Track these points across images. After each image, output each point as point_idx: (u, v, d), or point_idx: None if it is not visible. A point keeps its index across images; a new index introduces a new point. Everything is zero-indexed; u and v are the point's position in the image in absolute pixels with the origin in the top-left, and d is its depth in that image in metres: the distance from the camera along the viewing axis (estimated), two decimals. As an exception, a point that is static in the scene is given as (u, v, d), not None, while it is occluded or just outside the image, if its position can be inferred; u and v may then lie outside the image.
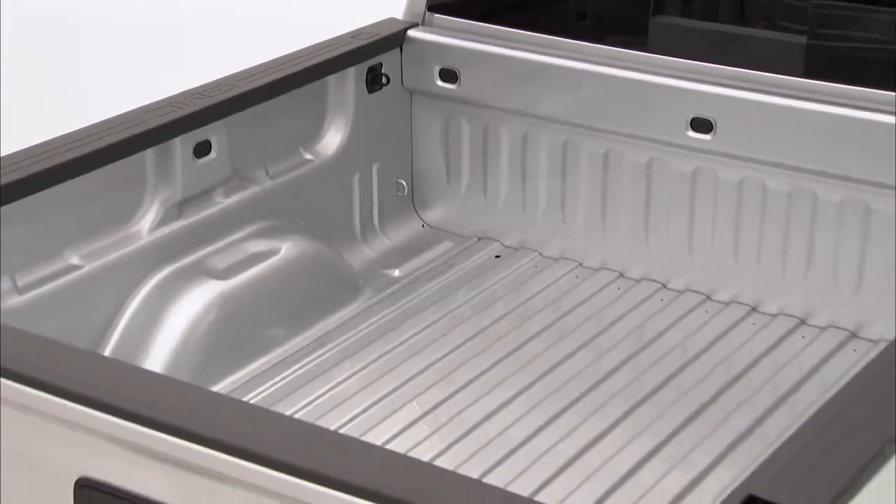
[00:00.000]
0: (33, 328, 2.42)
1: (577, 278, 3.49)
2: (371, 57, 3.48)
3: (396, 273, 3.51)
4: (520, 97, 3.47)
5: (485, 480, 2.50)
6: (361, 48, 3.45)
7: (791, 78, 3.17)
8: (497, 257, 3.59)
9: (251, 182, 3.28)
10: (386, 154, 3.61)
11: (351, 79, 3.45)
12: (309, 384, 3.06)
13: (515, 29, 3.49)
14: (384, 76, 3.53)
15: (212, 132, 3.12)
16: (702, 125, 3.26)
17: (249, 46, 4.23)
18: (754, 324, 3.28)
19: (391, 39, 3.53)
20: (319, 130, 3.47)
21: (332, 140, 3.48)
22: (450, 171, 3.66)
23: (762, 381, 3.07)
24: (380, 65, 3.51)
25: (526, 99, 3.47)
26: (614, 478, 2.74)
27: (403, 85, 3.59)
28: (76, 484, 2.08)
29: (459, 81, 3.53)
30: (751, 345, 3.20)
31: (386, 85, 3.54)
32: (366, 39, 3.48)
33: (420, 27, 3.58)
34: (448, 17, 3.56)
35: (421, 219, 3.70)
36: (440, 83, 3.56)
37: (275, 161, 3.35)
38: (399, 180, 3.67)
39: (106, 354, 2.90)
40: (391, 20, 3.61)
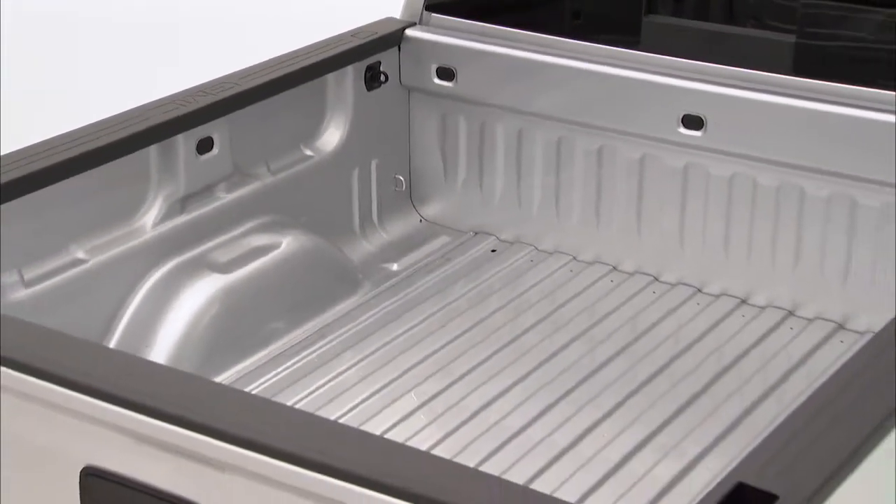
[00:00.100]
0: (40, 321, 2.42)
1: (572, 272, 3.49)
2: (370, 55, 3.48)
3: (395, 267, 3.51)
4: (515, 94, 3.47)
5: (481, 469, 2.50)
6: (360, 47, 3.45)
7: (780, 76, 3.17)
8: (493, 251, 3.59)
9: (252, 178, 3.29)
10: (384, 150, 3.61)
11: (350, 77, 3.45)
12: (309, 375, 3.07)
13: (511, 28, 3.48)
14: (382, 74, 3.53)
15: (214, 129, 3.12)
16: (693, 122, 3.26)
17: (250, 46, 4.22)
18: (744, 316, 3.29)
19: (389, 38, 3.53)
20: (319, 127, 3.47)
21: (332, 137, 3.47)
22: (447, 167, 3.66)
23: (751, 372, 3.08)
24: (378, 63, 3.51)
25: (521, 96, 3.47)
26: (607, 466, 2.75)
27: (401, 83, 3.59)
28: (82, 472, 2.08)
29: (456, 79, 3.53)
30: (740, 336, 3.21)
31: (384, 83, 3.54)
32: (364, 38, 3.47)
33: (417, 26, 3.58)
34: (445, 17, 3.56)
35: (419, 214, 3.70)
36: (437, 81, 3.56)
37: (276, 157, 3.35)
38: (397, 176, 3.67)
39: (111, 346, 2.91)
40: (389, 19, 3.61)
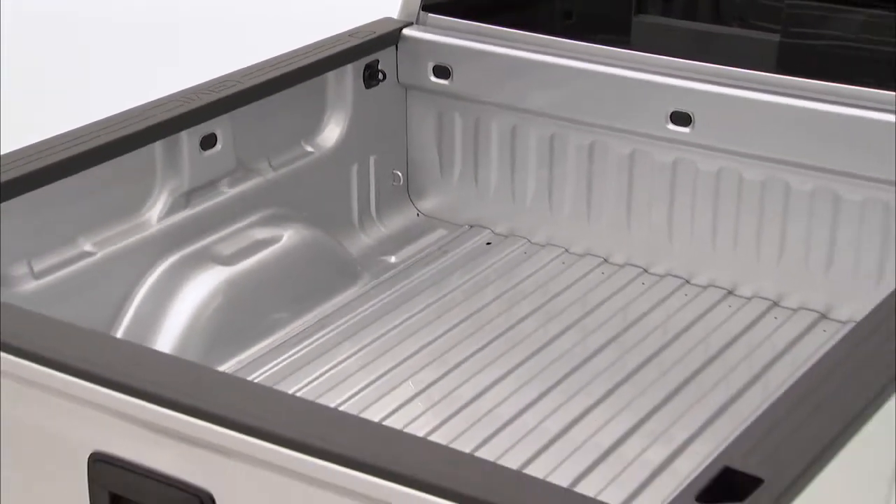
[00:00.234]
0: (49, 311, 2.42)
1: (564, 264, 3.49)
2: (368, 54, 3.48)
3: (392, 259, 3.52)
4: (509, 92, 3.48)
5: (476, 454, 2.51)
6: (359, 46, 3.45)
7: (765, 74, 3.18)
8: (488, 244, 3.60)
9: (255, 173, 3.29)
10: (382, 146, 3.61)
11: (349, 75, 3.45)
12: (310, 364, 3.07)
13: (505, 28, 3.49)
14: (380, 72, 3.53)
15: (217, 126, 3.12)
16: (681, 118, 3.27)
17: (250, 46, 4.21)
18: (730, 306, 3.29)
19: (387, 38, 3.53)
20: (319, 124, 3.47)
21: (332, 133, 3.48)
22: (443, 163, 3.66)
23: (737, 360, 3.08)
24: (376, 62, 3.51)
25: (515, 94, 3.47)
26: (598, 452, 2.75)
27: (399, 81, 3.59)
28: (90, 458, 2.08)
29: (452, 77, 3.53)
30: (727, 326, 3.21)
31: (382, 81, 3.54)
32: (363, 38, 3.47)
33: (414, 26, 3.58)
34: (441, 17, 3.56)
35: (416, 208, 3.71)
36: (434, 79, 3.56)
37: (277, 153, 3.35)
38: (395, 171, 3.67)
39: (118, 336, 2.91)
40: (387, 19, 3.61)
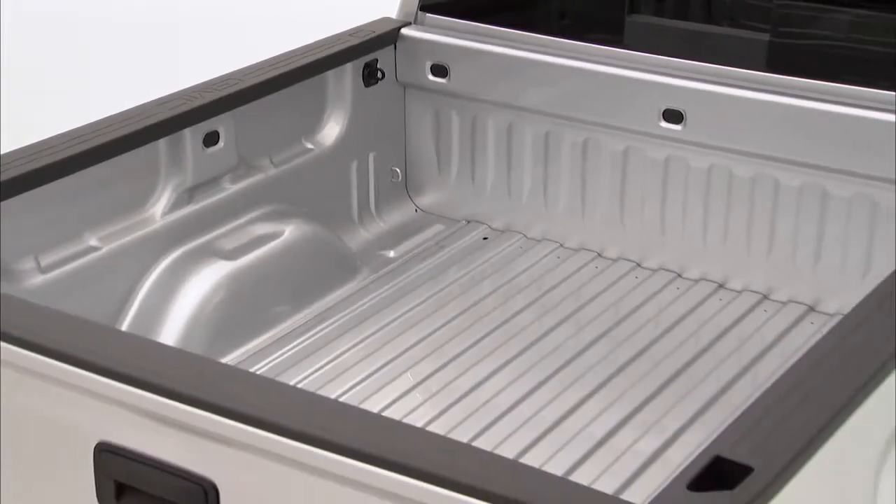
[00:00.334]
0: (55, 305, 2.42)
1: (559, 258, 3.50)
2: (367, 53, 3.48)
3: (391, 254, 3.52)
4: (505, 90, 3.48)
5: (473, 444, 2.51)
6: (358, 45, 3.45)
7: (755, 72, 3.18)
8: (484, 239, 3.60)
9: (256, 170, 3.29)
10: (381, 144, 3.61)
11: (348, 74, 3.45)
12: (311, 356, 3.07)
13: (501, 27, 3.49)
14: (379, 71, 3.53)
15: (219, 123, 3.13)
16: (673, 116, 3.27)
17: (250, 46, 4.20)
18: (721, 299, 3.30)
19: (386, 37, 3.53)
20: (319, 122, 3.47)
21: (332, 131, 3.48)
22: (441, 160, 3.66)
23: (728, 352, 3.09)
24: (375, 61, 3.51)
25: (511, 92, 3.47)
26: (592, 441, 2.76)
27: (397, 79, 3.59)
28: (96, 448, 2.08)
29: (449, 76, 3.53)
30: (717, 319, 3.22)
31: (381, 79, 3.54)
32: (362, 37, 3.47)
33: (412, 26, 3.58)
34: (439, 17, 3.56)
35: (414, 203, 3.71)
36: (431, 78, 3.56)
37: (278, 150, 3.35)
38: (393, 168, 3.67)
39: (123, 329, 2.91)
40: (385, 19, 3.61)
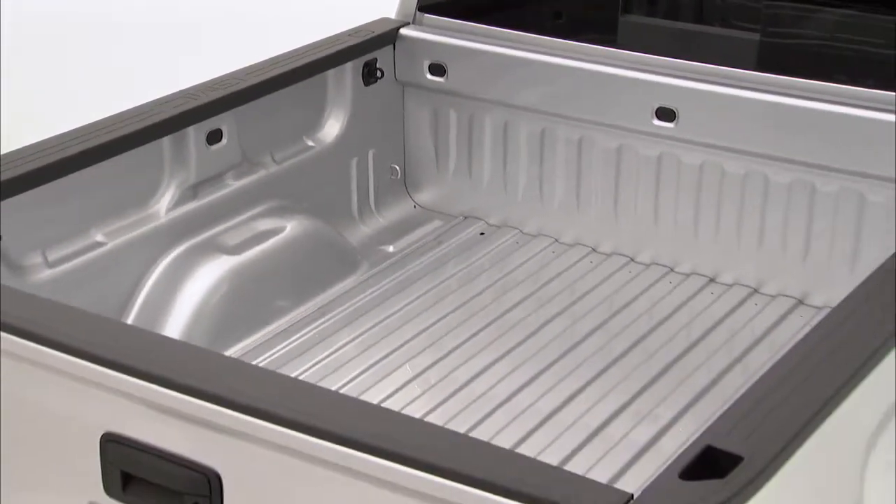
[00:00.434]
0: (62, 298, 2.43)
1: (554, 253, 3.50)
2: (366, 53, 3.48)
3: (390, 249, 3.52)
4: (502, 89, 3.48)
5: (471, 435, 2.51)
6: (358, 45, 3.45)
7: (746, 71, 3.18)
8: (481, 234, 3.60)
9: (259, 166, 3.29)
10: (381, 141, 3.61)
11: (348, 73, 3.46)
12: (312, 349, 3.08)
13: (498, 27, 3.49)
14: (378, 70, 3.53)
15: (223, 121, 3.13)
16: (666, 114, 3.27)
17: (251, 46, 4.18)
18: (712, 293, 3.30)
19: (385, 37, 3.53)
20: (320, 120, 3.47)
21: (332, 129, 3.48)
22: (438, 157, 3.67)
23: (719, 344, 3.09)
24: (374, 60, 3.52)
25: (507, 91, 3.47)
26: (586, 432, 2.76)
27: (396, 78, 3.59)
28: (102, 438, 2.09)
29: (447, 75, 3.54)
30: (709, 312, 3.22)
31: (380, 78, 3.54)
32: (362, 37, 3.48)
33: (411, 26, 3.58)
34: (437, 17, 3.56)
35: (413, 200, 3.71)
36: (429, 76, 3.56)
37: (280, 147, 3.36)
38: (393, 165, 3.67)
39: (129, 323, 2.92)
40: (385, 19, 3.61)
